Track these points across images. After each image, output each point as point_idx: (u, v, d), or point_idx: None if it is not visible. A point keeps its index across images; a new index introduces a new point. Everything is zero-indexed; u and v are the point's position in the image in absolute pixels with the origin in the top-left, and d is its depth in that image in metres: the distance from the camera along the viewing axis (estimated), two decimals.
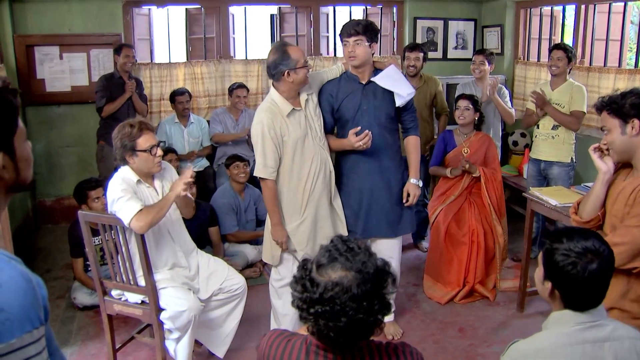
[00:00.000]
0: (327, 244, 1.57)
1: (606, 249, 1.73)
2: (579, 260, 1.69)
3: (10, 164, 1.22)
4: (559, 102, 4.48)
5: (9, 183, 1.23)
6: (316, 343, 1.59)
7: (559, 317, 1.77)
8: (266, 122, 3.18)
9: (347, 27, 3.36)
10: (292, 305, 1.57)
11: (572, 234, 1.75)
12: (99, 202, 4.06)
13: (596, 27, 5.22)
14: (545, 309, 4.10)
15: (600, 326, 1.72)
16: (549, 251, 1.76)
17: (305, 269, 1.54)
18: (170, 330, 3.09)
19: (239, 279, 3.37)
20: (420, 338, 3.78)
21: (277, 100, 3.24)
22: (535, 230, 4.78)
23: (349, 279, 1.45)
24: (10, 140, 1.21)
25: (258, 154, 3.24)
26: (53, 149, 5.88)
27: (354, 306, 1.43)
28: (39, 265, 4.89)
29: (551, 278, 1.76)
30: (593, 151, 2.53)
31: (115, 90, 5.24)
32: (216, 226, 4.68)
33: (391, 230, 3.62)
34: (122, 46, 5.32)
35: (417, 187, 3.57)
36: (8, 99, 1.19)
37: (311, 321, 1.50)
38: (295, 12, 6.45)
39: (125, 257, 3.06)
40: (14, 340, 1.06)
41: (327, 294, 1.45)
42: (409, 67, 4.87)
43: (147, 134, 3.01)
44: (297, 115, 3.26)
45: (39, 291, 1.15)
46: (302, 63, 3.18)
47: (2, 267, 1.10)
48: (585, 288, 1.70)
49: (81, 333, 3.87)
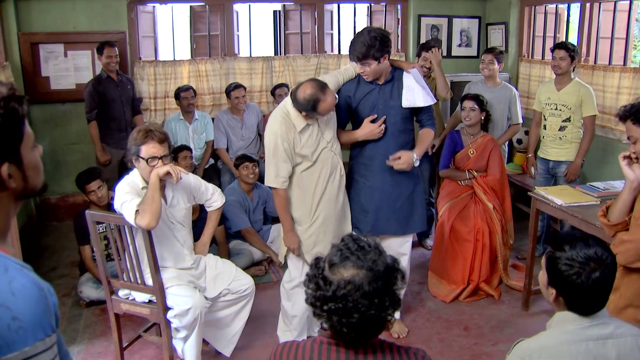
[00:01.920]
0: (338, 243, 1.63)
1: (608, 255, 1.75)
2: (583, 270, 1.72)
3: (18, 173, 1.19)
4: (565, 104, 4.47)
5: (18, 191, 1.21)
6: (327, 340, 1.62)
7: (563, 316, 1.81)
8: (280, 133, 3.17)
9: (352, 50, 3.30)
10: (306, 302, 1.63)
11: (574, 242, 1.78)
12: (94, 195, 4.09)
13: (601, 25, 5.19)
14: (550, 307, 4.08)
15: (603, 324, 1.76)
16: (552, 259, 1.79)
17: (318, 268, 1.60)
18: (177, 329, 3.11)
19: (247, 280, 3.39)
20: (425, 336, 3.79)
21: (291, 115, 3.21)
22: (540, 228, 4.79)
23: (361, 276, 1.52)
24: (17, 149, 1.19)
25: (271, 164, 3.23)
26: (57, 146, 5.88)
27: (365, 303, 1.50)
28: (44, 263, 4.91)
29: (555, 285, 1.80)
30: (622, 159, 2.53)
31: (106, 91, 5.21)
32: (221, 226, 4.68)
33: (401, 228, 3.64)
34: (103, 45, 5.17)
35: (411, 157, 3.41)
36: (13, 108, 1.16)
37: (324, 317, 1.56)
38: (299, 9, 6.44)
39: (132, 256, 3.07)
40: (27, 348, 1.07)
41: (339, 292, 1.51)
42: (423, 67, 4.84)
43: (151, 144, 2.98)
44: (309, 130, 3.25)
45: (50, 298, 1.15)
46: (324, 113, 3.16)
47: (15, 276, 1.10)
48: (589, 295, 1.74)
49: (87, 331, 3.89)
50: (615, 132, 4.88)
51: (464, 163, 4.45)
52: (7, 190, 1.19)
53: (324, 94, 3.08)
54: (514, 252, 4.88)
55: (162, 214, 3.08)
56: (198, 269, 3.32)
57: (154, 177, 2.93)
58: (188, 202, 3.28)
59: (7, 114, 1.15)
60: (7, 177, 1.17)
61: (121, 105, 5.31)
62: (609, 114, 4.93)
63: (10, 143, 1.17)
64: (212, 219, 3.48)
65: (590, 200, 3.61)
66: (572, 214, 3.49)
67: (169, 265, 3.20)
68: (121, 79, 5.35)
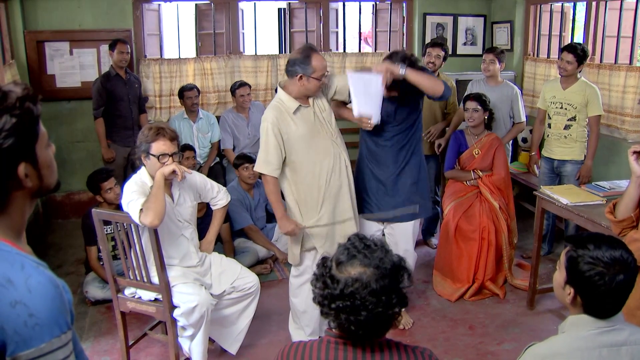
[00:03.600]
0: (344, 242, 1.65)
1: (633, 260, 1.70)
2: (607, 272, 1.66)
3: (34, 172, 1.21)
4: (570, 103, 4.46)
5: (33, 190, 1.23)
6: (335, 340, 1.63)
7: (576, 320, 1.76)
8: (271, 119, 3.20)
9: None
10: (313, 302, 1.64)
11: (599, 242, 1.71)
12: (111, 193, 4.11)
13: (607, 23, 5.17)
14: (555, 307, 4.12)
15: (617, 330, 1.71)
16: (573, 258, 1.72)
17: (325, 267, 1.61)
18: (184, 327, 3.12)
19: (252, 278, 3.40)
20: (430, 335, 3.79)
21: (283, 99, 3.26)
22: (546, 227, 4.78)
23: (368, 274, 1.54)
24: (32, 148, 1.20)
25: (261, 149, 3.26)
26: (63, 144, 5.90)
27: (373, 300, 1.51)
28: (50, 261, 4.91)
29: (574, 285, 1.74)
30: (631, 153, 2.51)
31: (114, 89, 5.23)
32: (226, 223, 4.69)
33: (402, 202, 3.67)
34: (116, 42, 5.22)
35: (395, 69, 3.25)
36: (28, 109, 1.18)
37: (332, 316, 1.58)
38: (304, 7, 6.44)
39: (139, 254, 3.08)
40: (43, 344, 1.08)
41: (347, 290, 1.52)
42: (429, 63, 4.80)
43: (162, 141, 3.01)
44: (305, 112, 3.26)
45: (66, 296, 1.16)
46: (318, 75, 3.17)
47: (31, 273, 1.12)
48: (609, 298, 1.68)
49: (93, 329, 3.90)
50: (621, 131, 4.87)
51: (470, 163, 4.45)
52: (23, 189, 1.20)
53: (315, 51, 3.18)
54: (519, 251, 4.88)
55: (170, 213, 3.10)
56: (203, 266, 3.33)
57: (159, 176, 2.94)
58: (194, 200, 3.29)
59: (23, 114, 1.17)
60: (24, 176, 1.19)
61: (128, 103, 5.33)
62: (614, 113, 4.92)
63: (26, 143, 1.19)
64: (217, 217, 3.49)
65: (596, 200, 3.60)
66: (577, 214, 3.49)
67: (175, 264, 3.21)
68: (129, 78, 5.37)
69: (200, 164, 5.46)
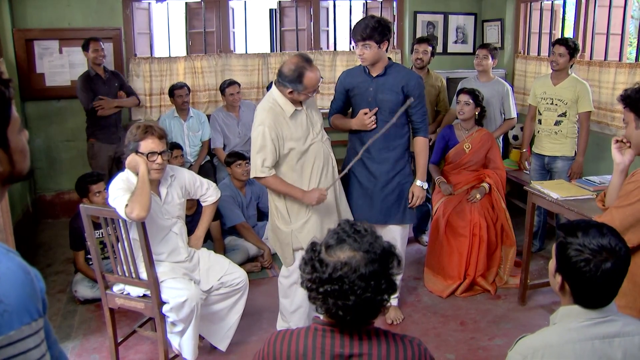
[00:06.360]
0: (334, 227, 1.63)
1: (622, 247, 1.66)
2: (593, 258, 1.63)
3: (5, 157, 1.18)
4: (561, 98, 4.47)
5: (4, 175, 1.19)
6: (322, 327, 1.62)
7: (568, 311, 1.73)
8: (268, 123, 3.13)
9: (356, 30, 3.39)
10: (301, 286, 1.63)
11: (588, 228, 1.69)
12: (100, 197, 4.05)
13: (597, 21, 5.20)
14: (547, 302, 4.12)
15: (610, 321, 1.68)
16: (562, 244, 1.71)
17: (314, 251, 1.60)
18: (174, 322, 3.10)
19: (240, 273, 3.37)
20: (421, 331, 3.78)
21: (279, 101, 3.20)
22: (537, 224, 4.79)
23: (357, 259, 1.52)
24: (3, 133, 1.17)
25: (258, 154, 3.17)
26: (53, 143, 5.86)
27: (362, 285, 1.50)
28: (39, 260, 4.88)
29: (562, 272, 1.71)
30: (614, 142, 2.57)
31: (95, 89, 5.18)
32: (217, 221, 4.66)
33: (383, 217, 3.67)
34: (88, 41, 5.14)
35: (422, 189, 3.64)
36: (0, 91, 1.15)
37: (320, 300, 1.56)
38: (295, 6, 6.43)
39: (127, 250, 3.06)
40: (12, 332, 1.04)
41: (336, 274, 1.51)
42: (417, 59, 4.85)
43: (151, 139, 2.99)
44: (299, 116, 3.24)
45: (37, 283, 1.13)
46: (309, 91, 3.15)
47: (0, 259, 1.09)
48: (597, 286, 1.65)
49: (82, 327, 3.86)
50: (611, 127, 4.88)
51: (460, 158, 4.45)
52: None
53: (310, 66, 3.11)
54: None
55: (158, 212, 3.10)
56: (192, 261, 3.31)
57: (143, 169, 2.93)
58: (182, 197, 3.27)
59: None
60: None
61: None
62: (604, 109, 4.94)
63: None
64: (206, 213, 3.47)
65: (586, 194, 3.60)
66: (568, 208, 3.49)
67: (163, 259, 3.19)
68: (108, 76, 5.31)
69: (190, 163, 5.44)
